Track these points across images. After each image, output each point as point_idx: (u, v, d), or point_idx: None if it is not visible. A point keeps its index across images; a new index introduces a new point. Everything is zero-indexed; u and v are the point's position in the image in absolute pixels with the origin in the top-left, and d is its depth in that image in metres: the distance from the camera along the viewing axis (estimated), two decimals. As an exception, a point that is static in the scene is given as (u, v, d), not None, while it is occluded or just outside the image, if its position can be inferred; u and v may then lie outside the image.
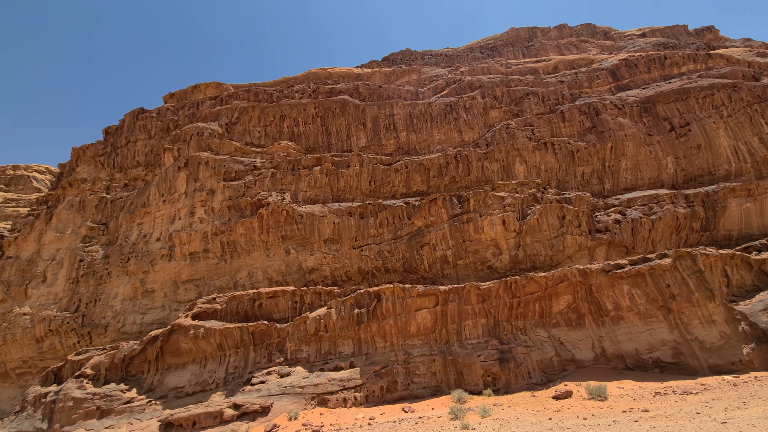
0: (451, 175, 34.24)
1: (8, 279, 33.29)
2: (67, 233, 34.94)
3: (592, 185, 33.77)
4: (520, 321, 23.48)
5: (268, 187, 32.73)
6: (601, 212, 30.41)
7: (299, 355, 22.30)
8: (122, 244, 32.81)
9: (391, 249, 29.98)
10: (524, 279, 23.33)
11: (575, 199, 30.15)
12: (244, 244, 31.08)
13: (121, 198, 35.78)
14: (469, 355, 21.59)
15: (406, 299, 22.85)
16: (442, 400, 19.52)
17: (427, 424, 14.95)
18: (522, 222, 28.39)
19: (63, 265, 33.09)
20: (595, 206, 30.87)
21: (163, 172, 34.85)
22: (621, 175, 33.41)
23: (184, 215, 32.40)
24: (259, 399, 18.62)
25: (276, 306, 24.47)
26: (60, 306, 31.22)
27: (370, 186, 34.39)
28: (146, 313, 30.37)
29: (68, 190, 37.91)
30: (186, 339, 21.81)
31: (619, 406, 13.66)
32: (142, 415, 18.99)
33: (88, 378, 20.41)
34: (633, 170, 33.39)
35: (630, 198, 31.14)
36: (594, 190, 33.50)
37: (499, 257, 28.47)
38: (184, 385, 20.98)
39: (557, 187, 33.63)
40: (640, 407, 12.62)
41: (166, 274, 30.94)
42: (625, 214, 29.79)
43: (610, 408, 13.42)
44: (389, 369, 21.20)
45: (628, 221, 28.80)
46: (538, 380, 20.57)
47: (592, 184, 33.84)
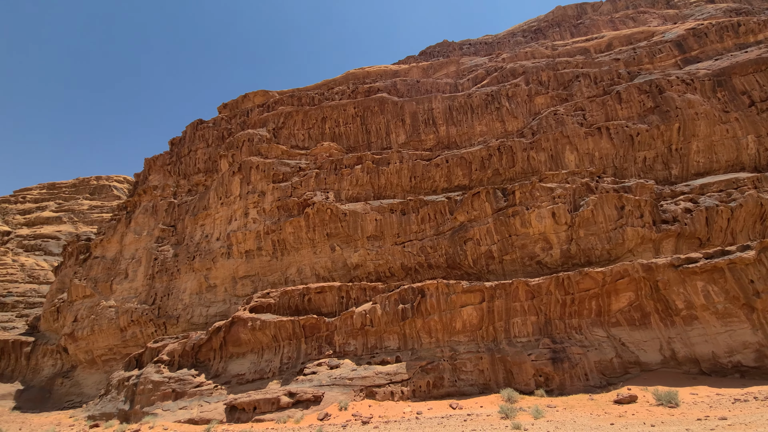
0: (494, 167, 33.08)
1: (95, 276, 38.39)
2: (144, 235, 39.39)
3: (656, 171, 30.66)
4: (575, 319, 22.17)
5: (312, 187, 34.13)
6: (667, 201, 27.55)
7: (347, 348, 23.13)
8: (188, 244, 36.26)
9: (434, 245, 29.80)
10: (578, 275, 21.96)
11: (636, 187, 27.63)
12: (292, 242, 32.78)
13: (186, 202, 39.48)
14: (519, 354, 20.88)
15: (451, 295, 22.63)
16: (491, 399, 19.13)
17: (476, 421, 14.78)
18: (574, 214, 26.67)
19: (141, 263, 37.40)
20: (660, 194, 28.03)
21: (220, 177, 37.84)
22: (691, 159, 29.93)
23: (239, 216, 34.95)
24: (312, 389, 19.68)
25: (324, 300, 25.56)
26: (140, 299, 35.38)
27: (410, 182, 34.40)
28: (210, 306, 33.33)
29: (143, 197, 42.66)
30: (245, 330, 23.65)
31: (692, 413, 12.40)
32: (210, 398, 21.00)
33: (164, 363, 23.03)
34: (706, 152, 29.76)
35: (703, 184, 27.82)
36: (658, 176, 30.40)
37: (549, 252, 27.04)
38: (244, 372, 22.81)
39: (614, 175, 31.05)
40: (716, 415, 11.34)
41: (226, 271, 33.65)
42: (698, 202, 26.67)
43: (682, 415, 12.23)
44: (435, 365, 21.22)
45: (702, 210, 25.76)
46: (597, 383, 19.31)
47: (656, 171, 30.73)
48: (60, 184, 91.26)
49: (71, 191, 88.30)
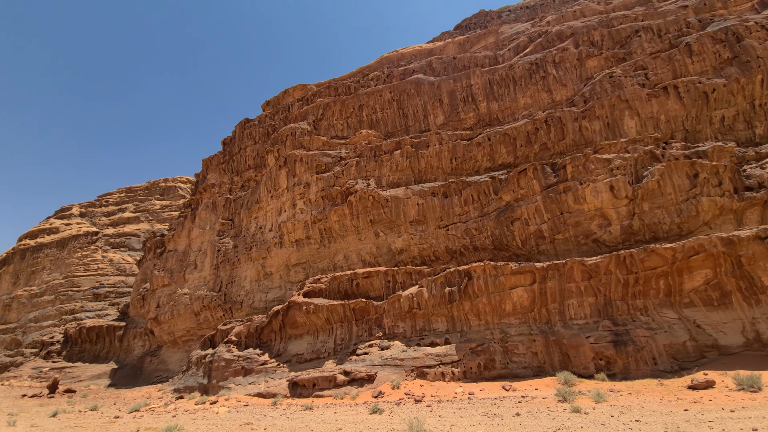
0: (542, 141, 31.06)
1: (171, 267, 43.11)
2: (207, 229, 43.27)
3: (736, 132, 26.72)
4: (639, 300, 20.54)
5: (354, 176, 34.79)
6: (751, 165, 24.03)
7: (396, 331, 23.77)
8: (245, 235, 39.19)
9: (479, 226, 29.07)
10: (643, 252, 20.19)
11: (712, 151, 24.38)
12: (338, 230, 33.94)
13: (240, 197, 42.47)
14: (576, 336, 19.96)
15: (499, 277, 22.10)
16: (546, 381, 18.63)
17: (532, 404, 14.53)
18: (636, 186, 24.31)
19: (207, 254, 41.27)
20: (743, 158, 24.49)
21: (267, 171, 40.03)
22: None
23: (287, 207, 36.87)
24: (365, 368, 20.64)
25: (371, 285, 26.35)
26: (208, 287, 39.23)
27: (451, 164, 33.61)
28: (268, 292, 35.99)
29: (203, 195, 46.63)
30: (300, 313, 25.30)
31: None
32: (274, 375, 22.97)
33: (233, 344, 25.55)
34: None
35: None
36: (739, 137, 26.48)
37: (608, 229, 25.07)
38: (302, 352, 24.53)
39: (684, 139, 27.62)
40: (816, 403, 10.00)
41: (280, 259, 35.94)
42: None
43: (765, 399, 10.96)
44: (486, 347, 21.06)
45: (799, 173, 22.12)
46: (667, 367, 17.89)
47: (736, 131, 26.77)
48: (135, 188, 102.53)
49: (144, 193, 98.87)
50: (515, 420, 11.12)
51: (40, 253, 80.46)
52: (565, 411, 12.38)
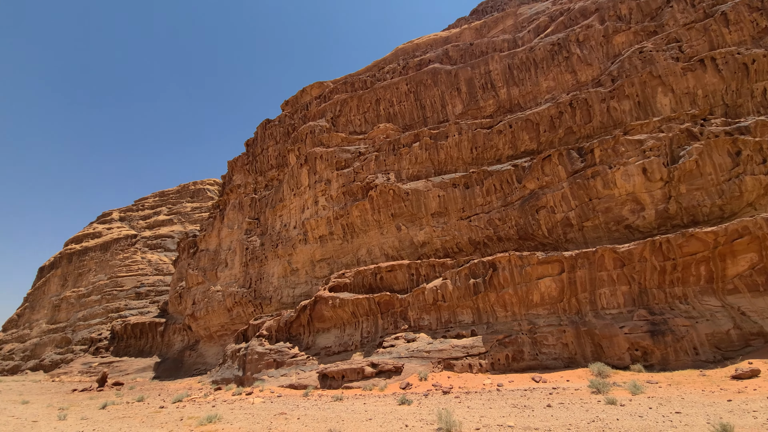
0: (567, 125, 29.85)
1: (204, 266, 45.13)
2: (235, 228, 44.91)
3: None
4: (678, 287, 19.52)
5: (373, 170, 34.90)
6: (805, 138, 22.06)
7: (421, 323, 23.87)
8: (271, 234, 40.37)
9: (502, 216, 28.49)
10: (681, 237, 19.12)
11: (756, 126, 22.59)
12: (360, 225, 34.28)
13: (265, 196, 43.69)
14: (609, 326, 19.28)
15: (525, 267, 21.64)
16: (578, 373, 18.17)
17: (563, 395, 14.25)
18: (672, 168, 22.96)
19: (236, 253, 42.90)
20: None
21: (289, 170, 40.89)
22: None
23: (310, 204, 37.59)
24: (392, 360, 20.92)
25: (395, 278, 26.52)
26: (239, 284, 40.84)
27: (471, 154, 33.00)
28: (295, 288, 37.03)
29: (230, 195, 48.33)
30: (327, 308, 25.90)
31: (842, 391, 10.25)
32: (305, 368, 23.73)
33: (264, 337, 26.58)
34: None
35: None
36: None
37: (641, 214, 23.88)
38: (330, 345, 25.16)
39: (725, 115, 25.72)
40: None
41: (305, 255, 36.82)
42: None
43: None
44: (513, 338, 20.77)
45: None
46: (709, 357, 16.97)
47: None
48: (167, 192, 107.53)
49: (176, 196, 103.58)
50: (547, 411, 10.96)
51: (86, 256, 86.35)
52: (599, 403, 12.07)
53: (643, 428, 8.44)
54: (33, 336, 75.21)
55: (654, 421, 9.08)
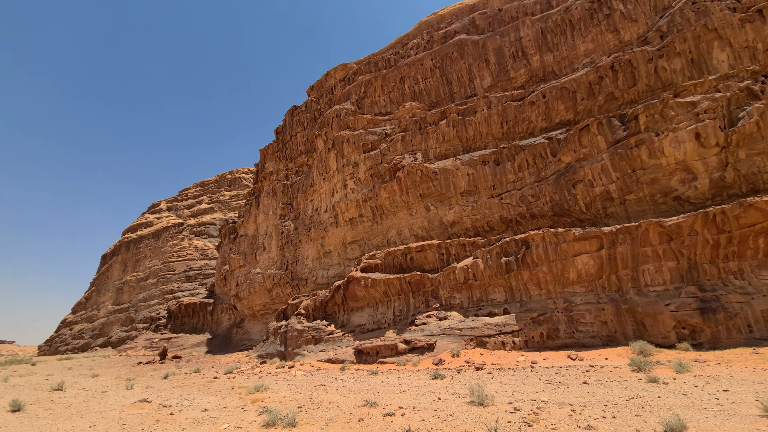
0: (607, 91, 27.65)
1: (243, 250, 47.82)
2: (270, 214, 46.91)
3: None
4: (733, 262, 18.05)
5: (400, 151, 34.63)
6: None
7: (453, 302, 24.04)
8: (303, 218, 41.77)
9: (535, 193, 27.42)
10: (738, 207, 17.51)
11: (840, 77, 19.69)
12: (389, 207, 34.49)
13: (296, 182, 44.98)
14: (653, 304, 18.36)
15: (560, 244, 20.91)
16: (618, 351, 17.64)
17: (601, 373, 13.97)
18: (730, 131, 20.75)
19: (272, 237, 44.99)
20: None
21: (318, 155, 41.59)
22: None
23: (339, 188, 38.24)
24: (424, 337, 21.42)
25: (425, 258, 26.69)
26: (276, 266, 43.03)
27: (502, 128, 31.67)
28: (329, 269, 38.41)
29: (264, 183, 50.23)
30: (359, 287, 26.74)
31: None
32: (341, 344, 24.93)
33: (302, 316, 28.10)
34: None
35: None
36: None
37: (692, 184, 21.98)
38: (364, 323, 26.13)
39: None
40: None
41: (336, 238, 37.87)
42: None
43: None
44: (548, 316, 20.42)
45: None
46: (764, 335, 15.77)
47: None
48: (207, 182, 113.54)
49: (215, 186, 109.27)
50: (582, 388, 10.86)
51: (141, 244, 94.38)
52: (639, 381, 11.74)
53: (686, 406, 8.17)
54: (100, 316, 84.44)
55: (699, 399, 8.74)
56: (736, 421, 6.59)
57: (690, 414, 7.43)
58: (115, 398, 13.63)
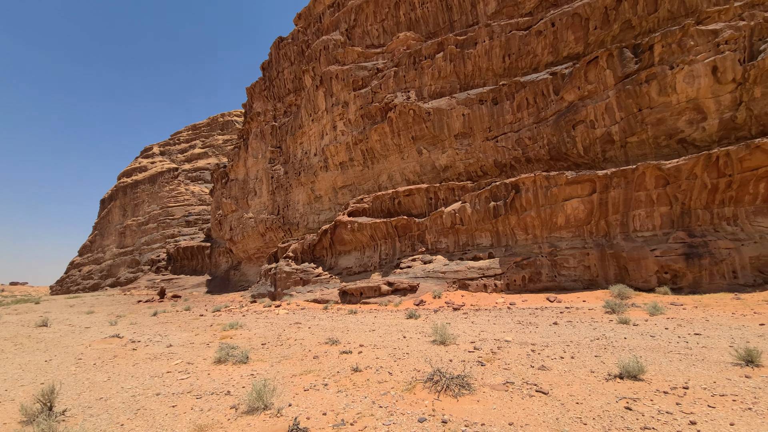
0: (624, 18, 24.56)
1: (235, 195, 47.18)
2: (259, 158, 45.38)
3: None
4: (728, 208, 17.32)
5: (392, 89, 32.11)
6: None
7: (438, 246, 23.89)
8: (293, 162, 40.38)
9: (533, 135, 25.79)
10: (744, 149, 16.28)
11: None
12: (380, 150, 32.97)
13: (285, 123, 42.72)
14: (638, 249, 18.03)
15: (551, 188, 20.02)
16: (597, 294, 17.72)
17: (575, 314, 14.00)
18: (749, 65, 18.62)
19: (263, 181, 44.02)
20: None
21: (306, 93, 38.84)
22: None
23: (328, 130, 36.30)
24: (408, 279, 21.58)
25: (413, 203, 26.02)
26: (268, 211, 42.72)
27: (503, 63, 28.87)
28: (320, 214, 38.09)
29: (251, 124, 47.84)
30: (346, 231, 26.50)
31: None
32: (328, 285, 25.39)
33: (291, 259, 28.32)
34: None
35: None
36: None
37: (701, 125, 20.37)
38: (351, 266, 26.35)
39: (844, -12, 19.61)
40: None
41: (327, 183, 36.92)
42: None
43: None
44: (532, 260, 20.30)
45: None
46: (749, 281, 15.60)
47: None
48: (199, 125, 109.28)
49: (207, 129, 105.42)
50: (550, 329, 10.80)
51: (138, 189, 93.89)
52: (610, 322, 11.67)
53: (651, 348, 7.97)
54: (107, 258, 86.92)
55: (667, 341, 8.55)
56: (703, 368, 6.29)
57: (653, 356, 7.19)
58: (93, 334, 13.90)
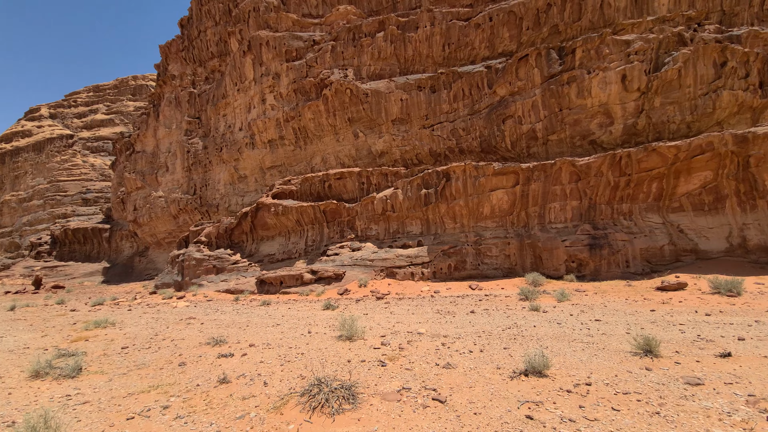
0: (553, 23, 25.82)
1: (142, 169, 40.72)
2: (173, 128, 39.53)
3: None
4: (626, 204, 19.16)
5: (329, 64, 29.94)
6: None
7: (369, 233, 22.94)
8: (214, 135, 35.86)
9: (467, 126, 26.07)
10: (643, 151, 17.98)
11: (747, 36, 20.19)
12: (314, 130, 30.73)
13: (205, 91, 37.63)
14: (552, 240, 19.13)
15: (479, 178, 20.23)
16: (515, 281, 18.42)
17: (493, 302, 14.14)
18: (652, 76, 20.71)
19: (177, 156, 38.50)
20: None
21: (231, 59, 34.51)
22: None
23: (257, 103, 32.78)
24: (333, 267, 20.25)
25: (344, 187, 24.61)
26: (182, 190, 37.57)
27: (443, 51, 28.64)
28: (244, 196, 34.56)
29: (165, 88, 41.38)
30: (269, 215, 24.09)
31: (760, 304, 10.28)
32: (246, 274, 22.87)
33: (203, 244, 24.97)
34: None
35: None
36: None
37: (608, 129, 22.30)
38: (274, 253, 24.12)
39: (720, 22, 22.85)
40: (798, 306, 9.14)
41: (253, 161, 33.49)
42: (843, 52, 19.27)
43: (746, 306, 10.18)
44: (458, 249, 20.43)
45: None
46: (638, 270, 17.44)
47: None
48: (103, 86, 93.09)
49: (114, 92, 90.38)
50: (467, 318, 10.45)
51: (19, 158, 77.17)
52: (523, 309, 11.81)
53: (558, 336, 7.84)
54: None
55: (571, 328, 8.58)
56: (604, 358, 6.09)
57: (559, 346, 6.96)
58: None
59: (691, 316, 9.29)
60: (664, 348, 6.34)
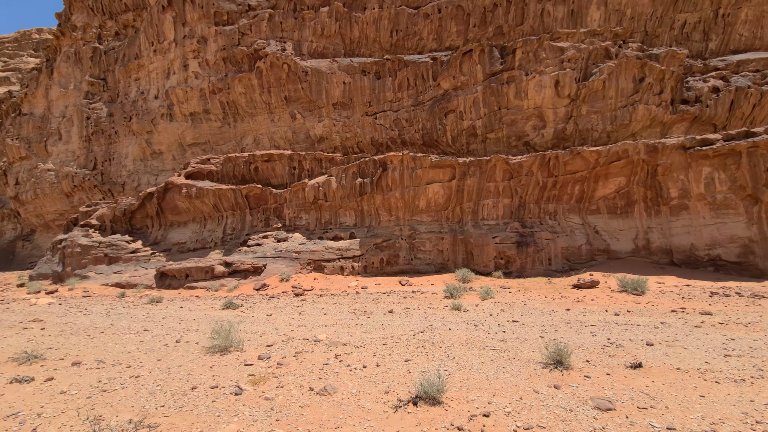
0: (498, 23, 26.02)
1: (28, 136, 33.55)
2: (71, 89, 33.03)
3: (693, 42, 24.69)
4: (552, 204, 19.80)
5: (266, 34, 27.01)
6: (695, 77, 22.58)
7: (298, 223, 21.01)
8: (123, 102, 30.60)
9: (410, 117, 25.24)
10: (569, 154, 18.58)
11: (665, 56, 22.04)
12: (245, 106, 27.60)
13: (114, 48, 31.92)
14: (483, 236, 19.08)
15: (417, 170, 19.44)
16: (445, 278, 18.00)
17: (417, 300, 13.37)
18: (581, 84, 21.68)
19: (73, 122, 32.25)
20: (690, 69, 22.84)
21: (148, 14, 29.56)
22: (735, 30, 23.88)
23: (177, 69, 28.53)
24: (252, 259, 18.03)
25: (273, 171, 22.26)
26: (79, 163, 31.62)
27: (391, 38, 27.43)
28: (158, 175, 30.05)
29: (62, 40, 34.41)
30: (181, 198, 20.86)
31: (662, 303, 10.75)
32: (147, 265, 19.52)
33: (93, 228, 20.85)
34: (753, 25, 23.84)
35: (741, 60, 22.87)
36: (694, 49, 24.62)
37: (541, 131, 23.03)
38: (185, 241, 20.99)
39: (642, 41, 24.86)
40: (695, 308, 9.61)
41: (170, 136, 29.21)
42: (729, 81, 21.94)
43: (650, 305, 10.54)
44: (391, 243, 19.50)
45: (730, 90, 21.25)
46: (559, 267, 18.08)
47: (693, 41, 24.74)
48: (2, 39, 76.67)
49: (14, 47, 74.68)
50: (381, 319, 9.39)
51: None
52: (445, 309, 11.12)
53: (470, 342, 7.06)
54: None
55: (486, 332, 7.89)
56: (512, 372, 5.31)
57: (466, 357, 6.11)
58: None
59: (602, 315, 9.26)
60: (575, 357, 5.78)
